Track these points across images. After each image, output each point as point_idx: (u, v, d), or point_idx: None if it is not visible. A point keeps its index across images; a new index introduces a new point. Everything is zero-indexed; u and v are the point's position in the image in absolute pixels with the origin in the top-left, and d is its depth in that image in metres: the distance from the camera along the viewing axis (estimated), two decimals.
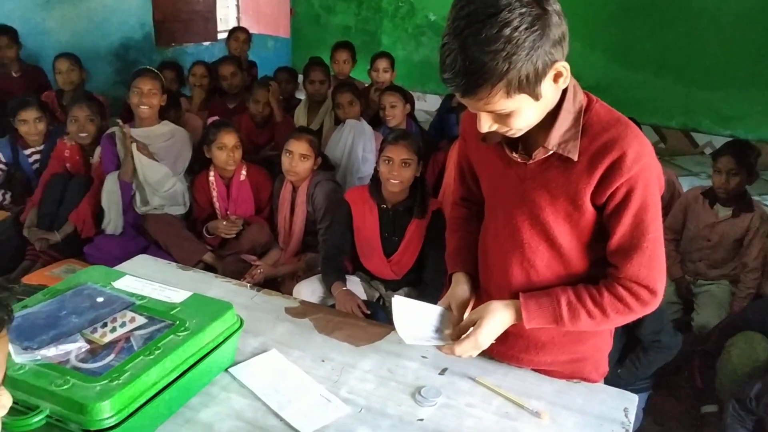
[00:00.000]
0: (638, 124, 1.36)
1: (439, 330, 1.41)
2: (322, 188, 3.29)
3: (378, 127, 4.04)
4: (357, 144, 3.80)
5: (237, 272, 3.32)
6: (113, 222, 3.46)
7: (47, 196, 3.55)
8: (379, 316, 2.89)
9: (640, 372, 2.48)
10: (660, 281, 1.33)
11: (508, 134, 1.27)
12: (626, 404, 1.40)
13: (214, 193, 3.54)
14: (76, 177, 3.58)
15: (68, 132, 3.55)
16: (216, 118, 3.74)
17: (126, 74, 4.73)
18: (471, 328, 1.35)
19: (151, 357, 1.24)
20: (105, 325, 1.34)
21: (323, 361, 1.50)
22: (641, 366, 2.46)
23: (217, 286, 1.79)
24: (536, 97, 1.16)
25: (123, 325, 1.35)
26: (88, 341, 1.29)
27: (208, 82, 4.71)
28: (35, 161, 3.81)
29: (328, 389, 1.40)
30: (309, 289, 3.04)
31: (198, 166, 3.62)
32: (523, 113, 1.19)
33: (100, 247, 3.38)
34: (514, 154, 1.35)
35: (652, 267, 1.31)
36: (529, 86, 1.13)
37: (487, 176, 1.49)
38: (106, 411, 1.13)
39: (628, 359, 2.48)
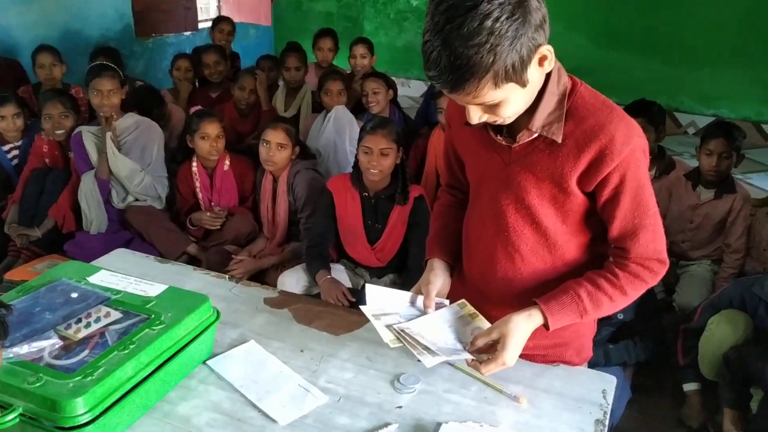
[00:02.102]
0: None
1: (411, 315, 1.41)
2: (302, 177, 3.27)
3: (360, 115, 4.02)
4: (342, 134, 3.78)
5: (221, 263, 3.31)
6: (95, 221, 3.43)
7: (27, 192, 3.53)
8: (363, 304, 2.89)
9: (632, 357, 2.54)
10: (665, 250, 1.36)
11: (497, 123, 1.27)
12: (605, 386, 1.41)
13: (197, 184, 3.52)
14: (54, 172, 3.55)
15: (44, 129, 3.50)
16: (198, 107, 3.71)
17: None
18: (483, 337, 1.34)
19: (126, 352, 1.23)
20: (79, 320, 1.33)
21: (302, 351, 1.50)
22: (635, 353, 2.53)
23: (196, 279, 1.78)
24: (523, 84, 1.15)
25: (98, 320, 1.34)
26: (62, 337, 1.28)
27: (192, 75, 4.67)
28: (14, 157, 3.76)
29: (306, 379, 1.40)
30: (293, 279, 3.03)
31: (181, 156, 3.59)
32: (512, 101, 1.19)
33: (81, 244, 3.35)
34: (499, 138, 1.35)
35: (656, 239, 1.34)
36: (516, 74, 1.12)
37: (472, 161, 1.48)
38: (80, 407, 1.12)
39: (624, 342, 2.52)
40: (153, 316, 1.35)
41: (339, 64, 5.05)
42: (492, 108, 1.20)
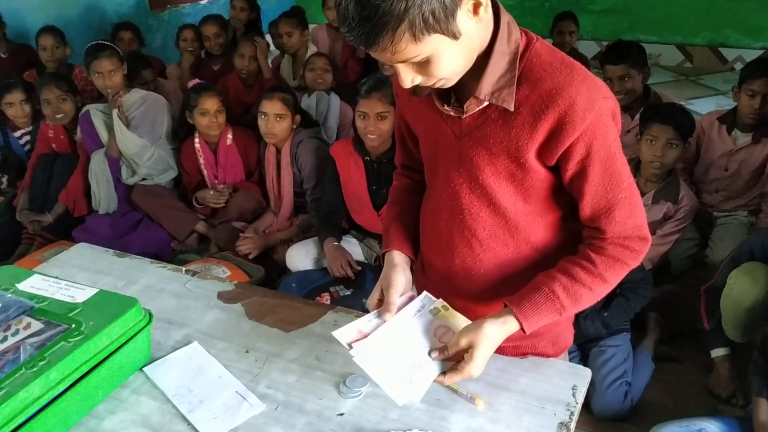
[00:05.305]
0: (587, 65, 1.17)
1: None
2: (306, 147, 3.14)
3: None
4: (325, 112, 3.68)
5: (229, 240, 3.25)
6: (104, 200, 3.41)
7: (36, 178, 3.54)
8: (366, 276, 2.78)
9: (629, 312, 2.37)
10: (646, 224, 1.19)
11: (437, 86, 1.10)
12: (576, 381, 1.25)
13: (201, 161, 3.44)
14: (61, 156, 3.53)
15: (45, 114, 3.46)
16: (196, 81, 3.60)
17: None
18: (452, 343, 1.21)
19: (34, 370, 1.14)
20: None
21: (247, 351, 1.38)
22: (630, 307, 2.36)
23: (151, 273, 1.67)
24: (453, 35, 0.98)
25: (16, 333, 1.24)
26: None
27: (198, 46, 4.56)
28: (26, 142, 3.76)
29: (246, 384, 1.28)
30: (301, 253, 2.95)
31: (183, 133, 3.51)
32: (445, 58, 1.02)
33: (89, 228, 3.33)
34: (446, 108, 1.18)
35: (635, 214, 1.16)
36: (440, 24, 0.95)
37: (424, 135, 1.32)
38: None
39: (616, 301, 2.35)
40: (74, 325, 1.24)
41: None
42: (423, 67, 1.04)
